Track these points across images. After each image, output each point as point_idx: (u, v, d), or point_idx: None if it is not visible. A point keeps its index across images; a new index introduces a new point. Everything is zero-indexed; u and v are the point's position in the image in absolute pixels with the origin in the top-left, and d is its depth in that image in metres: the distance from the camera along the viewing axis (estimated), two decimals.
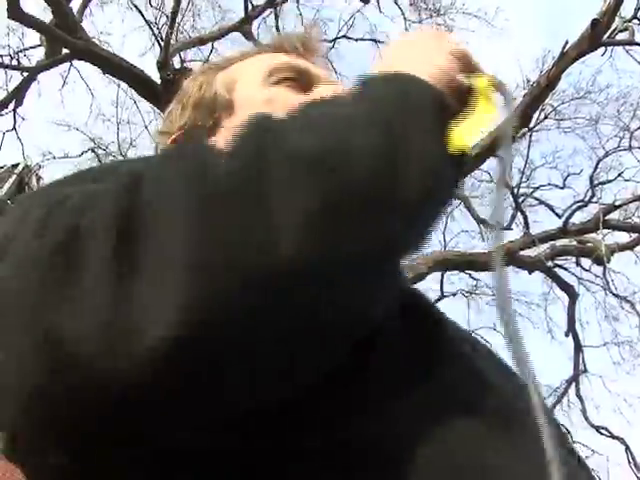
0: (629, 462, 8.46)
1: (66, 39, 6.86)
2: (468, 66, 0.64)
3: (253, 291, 0.41)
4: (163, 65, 7.35)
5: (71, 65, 8.87)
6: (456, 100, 0.60)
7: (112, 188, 0.45)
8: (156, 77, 7.44)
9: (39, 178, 11.37)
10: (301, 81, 0.79)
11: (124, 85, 8.96)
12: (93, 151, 10.15)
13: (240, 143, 0.48)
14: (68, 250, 0.41)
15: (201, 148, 0.51)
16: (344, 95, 0.56)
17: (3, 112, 8.21)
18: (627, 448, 8.55)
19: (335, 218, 0.44)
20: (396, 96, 0.54)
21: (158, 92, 7.54)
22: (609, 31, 6.70)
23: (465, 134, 0.56)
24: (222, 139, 0.64)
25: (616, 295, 8.99)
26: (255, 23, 8.90)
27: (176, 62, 7.96)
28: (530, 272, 8.44)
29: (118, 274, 0.40)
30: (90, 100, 9.80)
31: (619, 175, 9.31)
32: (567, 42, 6.29)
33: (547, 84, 6.41)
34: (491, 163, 8.73)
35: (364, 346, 0.51)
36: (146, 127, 10.29)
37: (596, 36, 6.33)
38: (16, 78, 8.19)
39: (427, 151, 0.51)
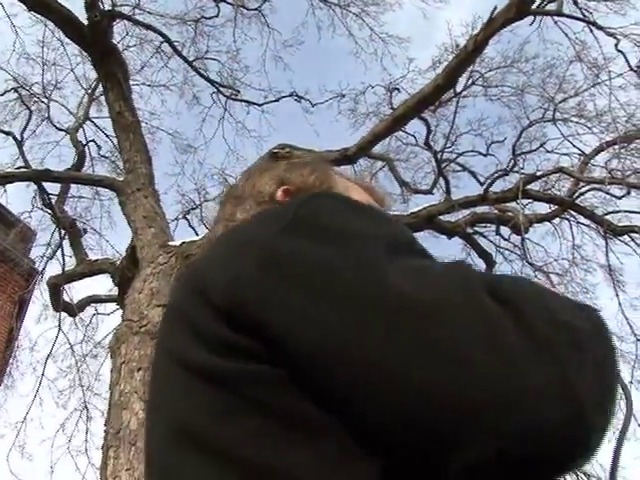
0: None
1: None
2: None
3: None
4: (91, 6, 7.12)
5: None
6: None
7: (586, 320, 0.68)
8: (84, 19, 7.22)
9: None
10: None
11: (51, 25, 8.68)
12: (16, 91, 9.85)
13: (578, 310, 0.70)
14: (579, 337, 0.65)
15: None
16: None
17: None
18: None
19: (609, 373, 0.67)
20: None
21: (85, 34, 7.32)
22: (538, 0, 6.83)
23: None
24: None
25: (532, 264, 9.26)
26: None
27: (106, 4, 7.74)
28: (449, 237, 8.60)
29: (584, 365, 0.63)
30: (14, 38, 9.50)
31: (541, 146, 9.53)
32: (495, 8, 6.38)
33: (474, 49, 6.49)
34: (414, 125, 8.84)
35: None
36: (72, 70, 10.05)
37: (524, 4, 6.43)
38: None
39: None
